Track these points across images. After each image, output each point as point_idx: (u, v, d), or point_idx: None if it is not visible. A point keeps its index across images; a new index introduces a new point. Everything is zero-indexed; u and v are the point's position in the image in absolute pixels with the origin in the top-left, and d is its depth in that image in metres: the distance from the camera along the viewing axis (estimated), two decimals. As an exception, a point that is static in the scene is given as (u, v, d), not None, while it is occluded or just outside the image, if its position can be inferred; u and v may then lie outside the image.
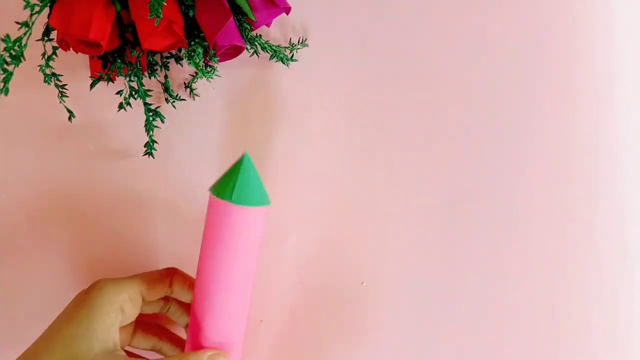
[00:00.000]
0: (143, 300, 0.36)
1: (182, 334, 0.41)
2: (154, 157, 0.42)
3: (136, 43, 0.39)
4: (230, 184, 0.34)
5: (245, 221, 0.34)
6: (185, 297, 0.38)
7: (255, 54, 0.44)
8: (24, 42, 0.33)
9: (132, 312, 0.35)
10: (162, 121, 0.41)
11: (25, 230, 0.42)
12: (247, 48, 0.43)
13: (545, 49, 0.46)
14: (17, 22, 0.33)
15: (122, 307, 0.34)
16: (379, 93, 0.45)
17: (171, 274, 0.37)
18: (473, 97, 0.45)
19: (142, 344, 0.39)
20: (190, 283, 0.37)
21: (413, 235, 0.44)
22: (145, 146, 0.41)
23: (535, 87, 0.45)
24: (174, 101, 0.43)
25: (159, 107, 0.41)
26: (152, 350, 0.39)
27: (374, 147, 0.44)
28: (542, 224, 0.44)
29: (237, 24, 0.40)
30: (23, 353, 0.33)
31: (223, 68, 0.43)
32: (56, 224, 0.43)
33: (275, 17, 0.41)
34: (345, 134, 0.45)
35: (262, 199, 0.34)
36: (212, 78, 0.42)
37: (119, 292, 0.35)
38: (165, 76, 0.43)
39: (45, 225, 0.43)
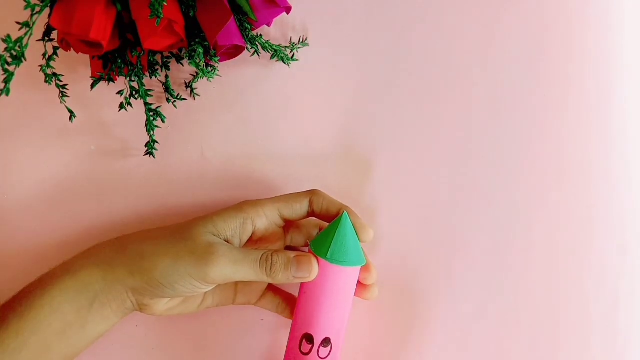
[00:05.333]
0: (283, 218, 0.39)
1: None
2: (154, 157, 0.42)
3: (137, 43, 0.39)
4: (327, 243, 0.36)
5: (339, 278, 0.37)
6: (323, 215, 0.39)
7: (256, 54, 0.44)
8: (24, 42, 0.33)
9: (264, 226, 0.38)
10: (163, 121, 0.41)
11: (26, 231, 0.43)
12: (247, 48, 0.43)
13: (548, 47, 0.46)
14: (18, 23, 0.33)
15: (252, 217, 0.38)
16: (380, 92, 0.45)
17: (310, 193, 0.39)
18: (474, 95, 0.45)
19: (269, 305, 0.41)
20: (329, 201, 0.39)
21: (413, 236, 0.44)
22: (146, 146, 0.42)
23: (537, 86, 0.45)
24: (174, 101, 0.43)
25: (159, 107, 0.41)
26: (275, 312, 0.41)
27: (375, 147, 0.44)
28: (542, 224, 0.44)
29: (238, 23, 0.40)
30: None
31: (224, 68, 0.43)
32: (57, 223, 0.43)
33: (276, 16, 0.41)
34: (346, 133, 0.45)
35: (356, 259, 0.37)
36: (212, 78, 0.42)
37: (252, 205, 0.38)
38: (166, 76, 0.43)
39: (46, 225, 0.43)
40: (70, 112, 0.40)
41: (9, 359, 0.34)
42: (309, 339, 0.37)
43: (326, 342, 0.37)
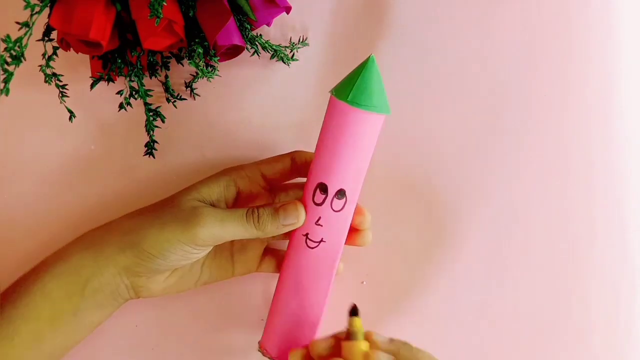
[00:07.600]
0: (265, 178, 0.39)
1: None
2: (154, 157, 0.42)
3: (136, 43, 0.39)
4: (349, 86, 0.33)
5: (360, 125, 0.34)
6: (305, 172, 0.38)
7: (255, 54, 0.44)
8: (24, 42, 0.33)
9: (247, 187, 0.39)
10: (163, 121, 0.41)
11: (26, 230, 0.43)
12: (247, 48, 0.43)
13: (549, 47, 0.46)
14: (18, 22, 0.33)
15: (234, 178, 0.38)
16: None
17: (292, 152, 0.40)
18: (474, 95, 0.45)
19: (269, 268, 0.41)
20: (312, 155, 0.38)
21: (414, 237, 0.44)
22: (146, 146, 0.42)
23: (537, 86, 0.45)
24: (174, 101, 0.43)
25: (159, 107, 0.41)
26: (277, 272, 0.41)
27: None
28: (542, 224, 0.44)
29: (238, 23, 0.40)
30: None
31: (223, 68, 0.43)
32: (57, 224, 0.43)
33: (276, 16, 0.41)
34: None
35: (380, 106, 0.34)
36: (212, 78, 0.42)
37: (234, 168, 0.39)
38: (166, 76, 0.43)
39: (46, 225, 0.43)
40: (70, 112, 0.40)
41: (0, 347, 0.33)
42: (324, 188, 0.35)
43: (341, 193, 0.35)
